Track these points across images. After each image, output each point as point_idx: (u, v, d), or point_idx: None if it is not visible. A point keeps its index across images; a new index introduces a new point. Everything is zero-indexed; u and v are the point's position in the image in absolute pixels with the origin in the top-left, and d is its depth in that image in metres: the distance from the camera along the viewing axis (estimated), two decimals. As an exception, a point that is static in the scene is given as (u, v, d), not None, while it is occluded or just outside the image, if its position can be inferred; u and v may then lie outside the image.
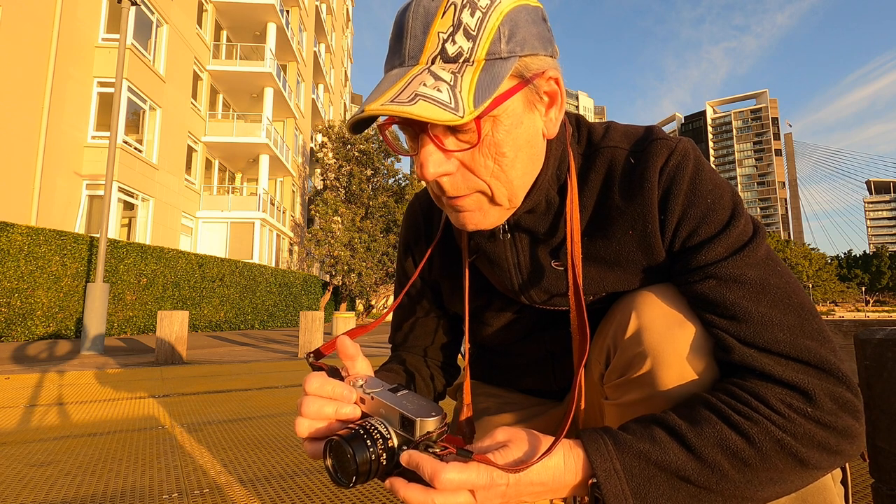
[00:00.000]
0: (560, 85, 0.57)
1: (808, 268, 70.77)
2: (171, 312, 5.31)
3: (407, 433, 0.47)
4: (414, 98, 0.47)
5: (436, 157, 0.52)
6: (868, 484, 1.04)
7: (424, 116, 0.46)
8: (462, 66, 0.50)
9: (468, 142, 0.52)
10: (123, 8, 7.20)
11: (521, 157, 0.56)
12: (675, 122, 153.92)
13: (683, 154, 0.60)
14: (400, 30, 0.52)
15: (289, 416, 2.55)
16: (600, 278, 0.64)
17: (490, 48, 0.50)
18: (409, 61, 0.51)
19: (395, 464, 0.47)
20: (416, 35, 0.51)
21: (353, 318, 11.18)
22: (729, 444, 0.47)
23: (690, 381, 0.56)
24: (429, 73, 0.50)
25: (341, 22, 36.67)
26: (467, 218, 0.58)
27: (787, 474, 0.48)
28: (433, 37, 0.50)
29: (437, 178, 0.54)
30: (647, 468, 0.47)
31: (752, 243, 0.56)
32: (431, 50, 0.50)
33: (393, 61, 0.53)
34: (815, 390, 0.49)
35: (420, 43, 0.50)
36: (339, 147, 21.83)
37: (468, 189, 0.55)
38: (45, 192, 11.03)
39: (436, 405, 0.49)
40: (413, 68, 0.50)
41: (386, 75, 0.53)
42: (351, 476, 0.45)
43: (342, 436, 0.46)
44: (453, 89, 0.48)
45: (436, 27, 0.50)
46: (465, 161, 0.54)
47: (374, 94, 0.50)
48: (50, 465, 1.72)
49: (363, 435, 0.46)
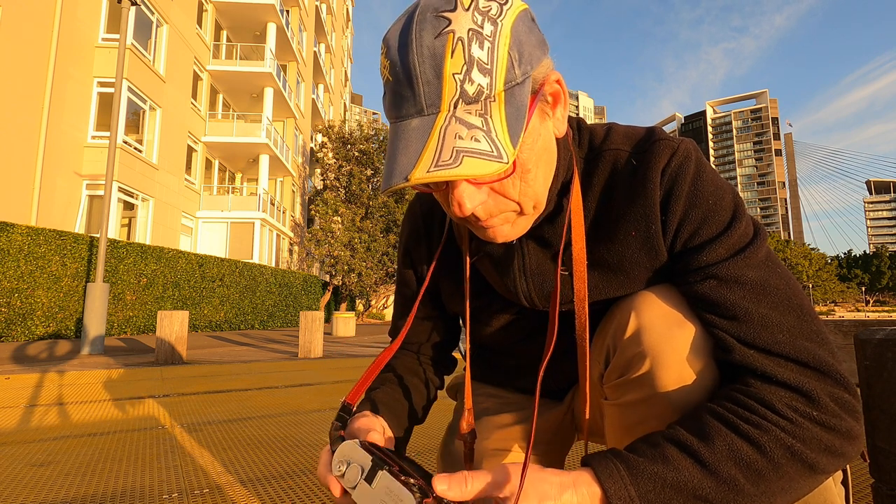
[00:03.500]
0: (562, 84, 0.57)
1: (808, 268, 70.76)
2: (171, 312, 5.31)
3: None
4: (457, 157, 0.46)
5: (470, 192, 0.52)
6: (868, 484, 1.03)
7: (476, 175, 0.46)
8: (485, 104, 0.48)
9: (503, 171, 0.51)
10: (123, 8, 7.20)
11: (542, 167, 0.56)
12: (675, 122, 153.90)
13: (685, 155, 0.60)
14: (407, 74, 0.48)
15: (289, 416, 2.55)
16: (604, 282, 0.64)
17: (507, 77, 0.49)
18: (429, 109, 0.48)
19: None
20: (428, 80, 0.47)
21: (353, 318, 11.18)
22: (742, 455, 0.47)
23: (690, 381, 0.56)
24: (457, 121, 0.47)
25: (341, 22, 36.66)
26: (498, 233, 0.58)
27: (798, 481, 0.48)
28: (449, 80, 0.47)
29: (475, 208, 0.53)
30: (663, 491, 0.46)
31: (753, 245, 0.56)
32: (451, 94, 0.47)
33: (406, 109, 0.49)
34: (817, 392, 0.49)
35: (436, 88, 0.47)
36: (339, 147, 21.83)
37: (500, 211, 0.55)
38: (45, 192, 11.03)
39: (412, 487, 0.47)
40: (437, 118, 0.48)
41: (405, 126, 0.49)
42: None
43: None
44: (489, 135, 0.47)
45: (448, 69, 0.47)
46: (496, 187, 0.54)
47: (406, 155, 0.48)
48: (50, 465, 1.72)
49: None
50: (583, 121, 0.68)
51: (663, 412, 0.57)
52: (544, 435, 0.82)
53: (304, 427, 2.29)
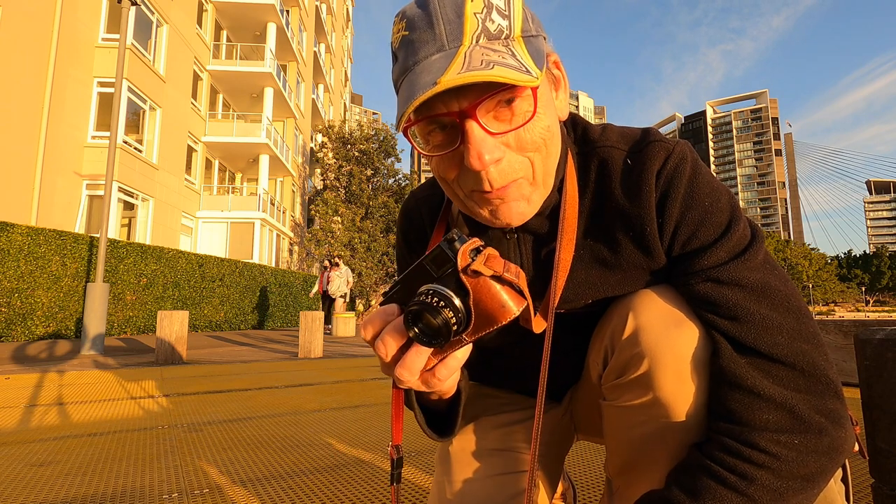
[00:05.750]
0: (561, 67, 0.58)
1: (808, 268, 70.75)
2: (171, 312, 5.31)
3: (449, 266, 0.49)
4: (488, 65, 0.46)
5: (489, 143, 0.51)
6: (868, 484, 1.03)
7: (508, 78, 0.46)
8: (507, 42, 0.50)
9: (521, 116, 0.52)
10: (123, 8, 7.20)
11: (555, 133, 0.56)
12: (675, 122, 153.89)
13: (681, 157, 0.59)
14: (428, 17, 0.50)
15: (289, 416, 2.55)
16: (602, 281, 0.64)
17: (523, 26, 0.51)
18: (451, 44, 0.49)
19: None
20: (450, 19, 0.49)
21: (353, 318, 11.16)
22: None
23: (688, 381, 0.56)
24: (482, 48, 0.49)
25: (341, 22, 36.65)
26: (512, 209, 0.56)
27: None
28: (470, 18, 0.49)
29: (493, 164, 0.52)
30: None
31: (752, 247, 0.57)
32: (473, 29, 0.49)
33: (426, 49, 0.50)
34: (801, 408, 0.51)
35: (458, 26, 0.49)
36: (339, 147, 21.83)
37: (514, 174, 0.54)
38: (45, 192, 11.03)
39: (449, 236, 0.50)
40: (460, 48, 0.49)
41: (425, 62, 0.50)
42: (441, 329, 0.47)
43: (414, 309, 0.48)
44: (514, 57, 0.48)
45: (469, 8, 0.49)
46: (511, 142, 0.53)
47: (429, 73, 0.47)
48: (50, 465, 1.72)
49: (426, 301, 0.48)
50: (577, 115, 0.68)
51: (662, 413, 0.57)
52: (543, 435, 0.82)
53: (304, 427, 2.29)
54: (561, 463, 0.86)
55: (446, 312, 0.46)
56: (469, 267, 0.47)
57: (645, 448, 0.61)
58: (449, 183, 0.57)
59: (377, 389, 3.40)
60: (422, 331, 0.47)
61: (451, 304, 0.47)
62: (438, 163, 0.56)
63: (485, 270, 0.47)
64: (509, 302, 0.48)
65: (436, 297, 0.47)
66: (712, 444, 0.53)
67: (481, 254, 0.48)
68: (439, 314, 0.46)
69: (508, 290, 0.48)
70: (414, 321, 0.47)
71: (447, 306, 0.47)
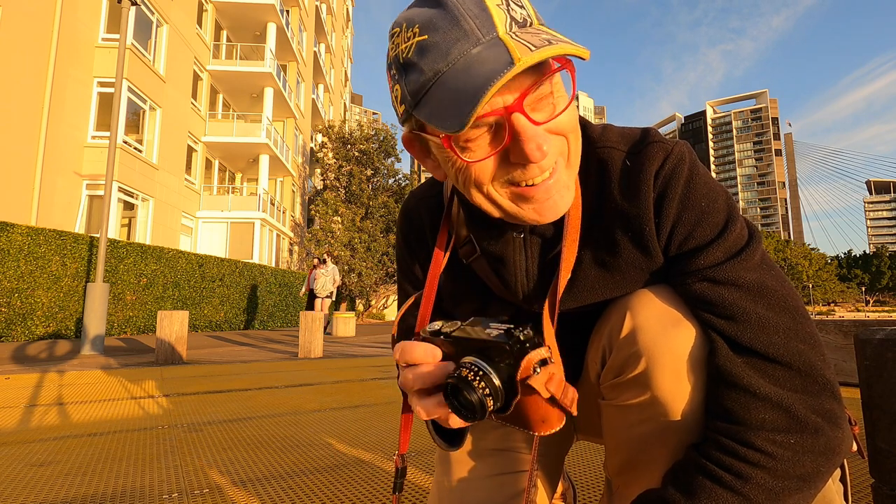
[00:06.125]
0: None
1: (808, 268, 70.76)
2: (171, 312, 5.31)
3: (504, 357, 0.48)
4: (549, 42, 0.45)
5: (541, 133, 0.50)
6: (868, 484, 1.03)
7: (577, 53, 0.45)
8: (533, 28, 0.50)
9: (561, 101, 0.52)
10: (123, 8, 7.20)
11: (575, 131, 0.56)
12: (676, 121, 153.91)
13: (679, 158, 0.60)
14: (450, 15, 0.48)
15: (289, 416, 2.55)
16: (603, 282, 0.64)
17: (537, 17, 0.52)
18: (487, 36, 0.48)
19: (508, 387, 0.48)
20: (476, 14, 0.48)
21: (353, 318, 11.17)
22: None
23: (686, 380, 0.56)
24: (522, 33, 0.48)
25: (341, 22, 36.65)
26: (557, 201, 0.55)
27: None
28: (495, 10, 0.48)
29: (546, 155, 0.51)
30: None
31: (749, 248, 0.57)
32: (503, 20, 0.48)
33: (459, 47, 0.48)
34: (798, 407, 0.51)
35: (486, 18, 0.48)
36: (339, 147, 21.83)
37: (554, 156, 0.53)
38: (45, 192, 11.03)
39: (506, 323, 0.50)
40: (500, 37, 0.48)
41: (465, 58, 0.47)
42: (477, 409, 0.47)
43: (452, 383, 0.48)
44: (554, 37, 0.48)
45: (489, 1, 0.48)
46: (552, 126, 0.52)
47: (486, 64, 0.45)
48: (50, 465, 1.72)
49: (467, 376, 0.47)
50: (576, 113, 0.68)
51: (660, 412, 0.57)
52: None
53: (304, 427, 2.29)
54: (561, 463, 0.86)
55: (488, 402, 0.46)
56: (528, 380, 0.46)
57: (644, 447, 0.61)
58: (484, 189, 0.55)
59: (377, 389, 3.40)
60: (460, 404, 0.47)
61: (495, 392, 0.46)
62: (480, 169, 0.53)
63: (543, 392, 0.46)
64: (551, 418, 0.47)
65: (483, 381, 0.46)
66: (709, 443, 0.53)
67: (545, 369, 0.46)
68: (479, 398, 0.46)
69: (555, 410, 0.48)
70: (454, 394, 0.47)
71: (491, 395, 0.46)
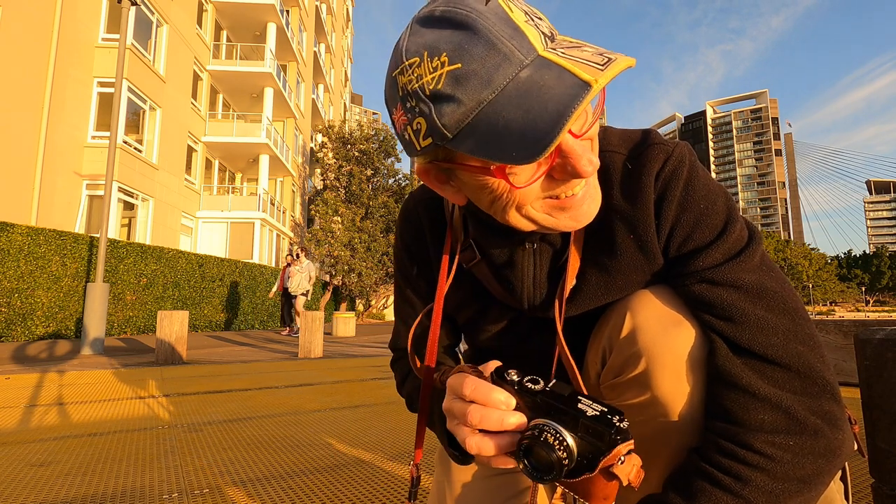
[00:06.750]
0: None
1: (808, 268, 70.78)
2: (171, 312, 5.31)
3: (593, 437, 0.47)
4: (605, 56, 0.44)
5: (587, 145, 0.50)
6: (868, 484, 1.03)
7: (630, 64, 0.44)
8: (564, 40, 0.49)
9: (593, 111, 0.51)
10: (123, 8, 7.20)
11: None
12: (675, 122, 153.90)
13: (679, 160, 0.60)
14: (483, 40, 0.45)
15: (289, 416, 2.55)
16: (604, 286, 0.64)
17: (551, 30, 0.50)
18: (528, 56, 0.45)
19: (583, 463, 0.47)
20: (510, 35, 0.45)
21: (353, 318, 11.16)
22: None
23: (686, 380, 0.56)
24: (565, 50, 0.46)
25: (341, 22, 36.65)
26: (591, 206, 0.55)
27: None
28: (525, 27, 0.46)
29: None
30: None
31: (749, 249, 0.57)
32: (536, 37, 0.46)
33: (504, 71, 0.45)
34: (797, 409, 0.51)
35: (522, 38, 0.46)
36: (338, 147, 21.82)
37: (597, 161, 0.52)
38: (45, 192, 11.02)
39: (606, 410, 0.48)
40: (542, 54, 0.46)
41: (515, 84, 0.45)
42: (555, 468, 0.46)
43: (527, 442, 0.47)
44: (594, 49, 0.47)
45: (516, 18, 0.46)
46: (590, 134, 0.52)
47: (553, 88, 0.43)
48: (50, 465, 1.72)
49: (546, 439, 0.47)
50: None
51: (660, 413, 0.57)
52: None
53: (304, 427, 2.29)
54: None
55: (564, 468, 0.46)
56: (612, 468, 0.45)
57: (643, 447, 0.61)
58: (524, 210, 0.54)
59: (377, 389, 3.40)
60: (532, 465, 0.47)
61: (571, 462, 0.46)
62: (525, 192, 0.52)
63: (623, 481, 0.45)
64: (612, 496, 0.48)
65: (565, 451, 0.46)
66: (708, 445, 0.53)
67: (630, 459, 0.46)
68: (557, 460, 0.45)
69: (618, 490, 0.48)
70: (527, 450, 0.47)
71: (567, 457, 0.46)
